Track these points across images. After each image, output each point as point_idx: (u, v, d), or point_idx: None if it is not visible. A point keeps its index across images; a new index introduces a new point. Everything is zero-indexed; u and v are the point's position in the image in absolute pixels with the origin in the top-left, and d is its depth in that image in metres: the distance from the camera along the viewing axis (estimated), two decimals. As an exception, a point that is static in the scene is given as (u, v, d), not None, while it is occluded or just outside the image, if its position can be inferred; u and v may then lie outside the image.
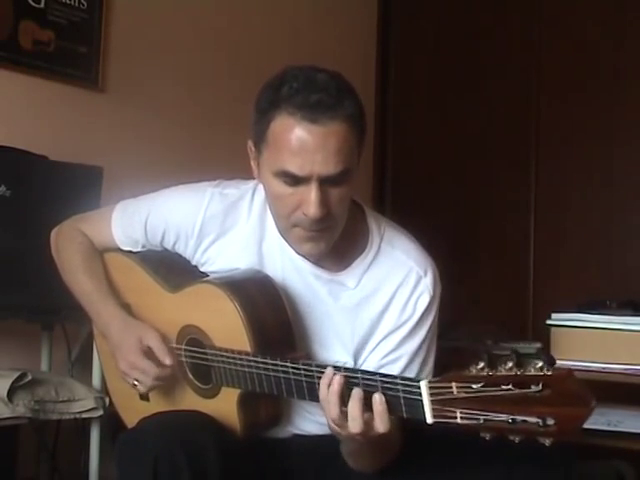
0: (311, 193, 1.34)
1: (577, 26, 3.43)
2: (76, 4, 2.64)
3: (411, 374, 1.45)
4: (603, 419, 2.26)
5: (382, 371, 1.42)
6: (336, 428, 1.28)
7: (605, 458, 2.23)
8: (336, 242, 1.45)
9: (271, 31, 3.31)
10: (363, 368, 1.44)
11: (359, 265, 1.49)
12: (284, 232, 1.45)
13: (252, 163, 1.47)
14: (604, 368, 2.28)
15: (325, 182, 1.34)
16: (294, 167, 1.34)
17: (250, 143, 1.45)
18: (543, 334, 2.45)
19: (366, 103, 1.43)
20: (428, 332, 1.50)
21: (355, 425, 1.23)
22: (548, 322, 2.41)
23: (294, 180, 1.35)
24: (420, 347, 1.49)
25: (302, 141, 1.33)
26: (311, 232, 1.39)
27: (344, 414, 1.25)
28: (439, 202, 3.68)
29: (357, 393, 1.24)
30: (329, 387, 1.26)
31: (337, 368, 1.29)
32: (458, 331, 2.79)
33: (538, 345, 2.62)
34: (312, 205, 1.34)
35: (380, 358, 1.48)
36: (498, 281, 3.52)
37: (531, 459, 1.34)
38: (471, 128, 3.64)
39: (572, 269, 3.34)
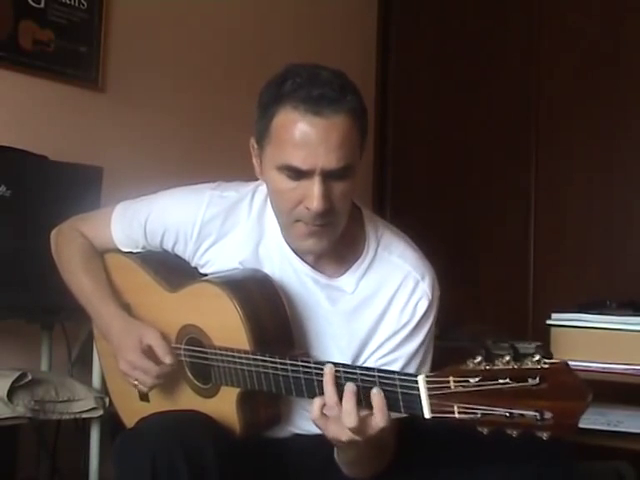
0: (314, 187, 1.34)
1: (577, 18, 3.43)
2: (76, 4, 2.64)
3: None
4: (603, 419, 2.25)
5: None
6: (335, 435, 1.27)
7: (605, 458, 2.23)
8: (335, 245, 1.45)
9: (271, 30, 3.31)
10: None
11: (356, 270, 1.50)
12: (286, 229, 1.45)
13: (254, 161, 1.47)
14: (604, 368, 2.27)
15: (328, 176, 1.35)
16: (297, 161, 1.34)
17: (252, 141, 1.46)
18: (543, 334, 2.44)
19: (366, 101, 1.43)
20: (426, 335, 1.50)
21: (350, 420, 1.23)
22: (548, 322, 2.41)
23: (297, 174, 1.35)
24: (418, 349, 1.49)
25: (305, 134, 1.33)
26: (314, 227, 1.39)
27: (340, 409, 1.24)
28: (439, 202, 3.68)
29: (350, 387, 1.24)
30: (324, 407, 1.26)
31: (335, 365, 1.29)
32: (458, 331, 2.79)
33: (538, 344, 2.62)
34: (315, 198, 1.34)
35: (377, 359, 1.48)
36: (498, 281, 3.52)
37: (530, 459, 1.34)
38: (471, 128, 3.64)
39: (572, 269, 3.34)
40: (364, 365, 1.47)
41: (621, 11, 3.33)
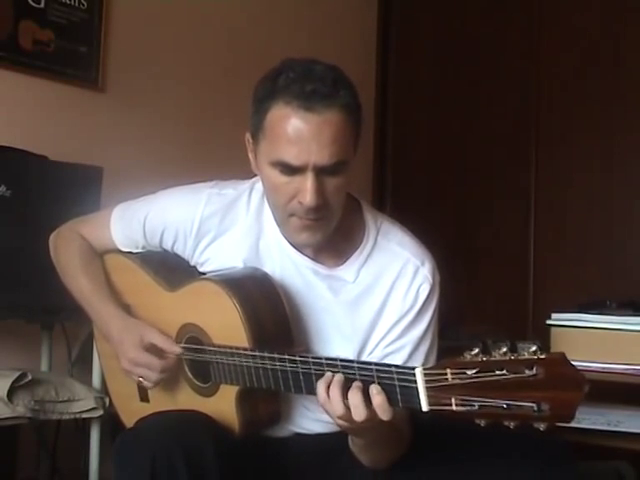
0: (307, 182, 1.35)
1: (577, 18, 3.43)
2: (76, 4, 2.64)
3: (417, 362, 1.45)
4: (603, 419, 2.25)
5: (386, 360, 1.44)
6: (343, 423, 1.27)
7: (605, 458, 2.23)
8: (333, 236, 1.46)
9: (271, 30, 3.31)
10: (367, 359, 1.45)
11: (356, 259, 1.50)
12: (281, 223, 1.46)
13: (250, 155, 1.48)
14: (604, 368, 2.27)
15: (321, 172, 1.35)
16: (290, 157, 1.34)
17: (248, 135, 1.46)
18: (543, 334, 2.44)
19: (366, 101, 1.44)
20: (431, 319, 1.51)
21: (359, 413, 1.23)
22: (548, 322, 2.40)
23: (290, 170, 1.36)
24: (424, 334, 1.49)
25: (297, 130, 1.33)
26: (307, 221, 1.39)
27: (347, 407, 1.24)
28: (439, 202, 3.68)
29: (355, 384, 1.24)
30: (329, 387, 1.26)
31: (332, 359, 1.29)
32: (458, 331, 2.79)
33: (537, 344, 2.61)
34: (308, 193, 1.35)
35: (384, 347, 1.49)
36: (498, 281, 3.52)
37: (530, 459, 1.34)
38: (471, 128, 3.64)
39: (572, 269, 3.34)
40: (372, 354, 1.48)
41: (621, 11, 3.33)
